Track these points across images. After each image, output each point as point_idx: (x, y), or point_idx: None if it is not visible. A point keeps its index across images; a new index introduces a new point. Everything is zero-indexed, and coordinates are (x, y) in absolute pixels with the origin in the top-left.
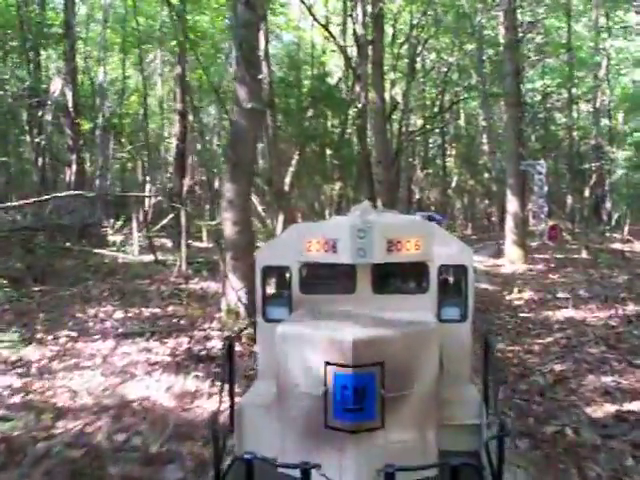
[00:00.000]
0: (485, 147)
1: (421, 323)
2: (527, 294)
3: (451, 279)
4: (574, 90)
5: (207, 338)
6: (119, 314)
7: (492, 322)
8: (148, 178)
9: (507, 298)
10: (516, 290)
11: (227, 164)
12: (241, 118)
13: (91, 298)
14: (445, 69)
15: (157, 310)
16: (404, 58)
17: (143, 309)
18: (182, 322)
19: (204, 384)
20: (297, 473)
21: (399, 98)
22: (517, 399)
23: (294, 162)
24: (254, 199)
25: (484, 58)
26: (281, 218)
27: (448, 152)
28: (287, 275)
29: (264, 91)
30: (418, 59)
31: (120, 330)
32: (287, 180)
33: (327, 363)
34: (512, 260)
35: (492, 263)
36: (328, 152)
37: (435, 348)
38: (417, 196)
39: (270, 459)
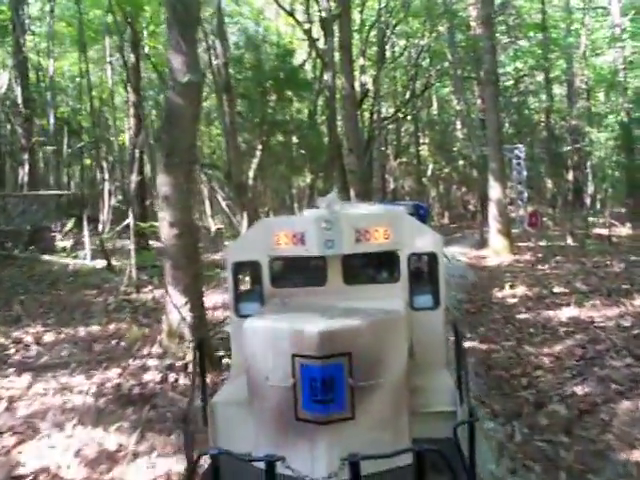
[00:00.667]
0: (459, 133)
1: (389, 312)
2: (520, 290)
3: (422, 267)
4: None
5: (143, 369)
6: (49, 336)
7: (486, 325)
8: (106, 176)
9: (498, 295)
10: (508, 286)
11: (161, 151)
12: (176, 95)
13: (21, 316)
14: (416, 54)
15: (96, 328)
16: (373, 45)
17: (81, 328)
18: (122, 344)
19: (130, 438)
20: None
21: (369, 86)
22: (538, 440)
23: (258, 153)
24: (219, 196)
25: (456, 41)
26: (245, 215)
27: (421, 140)
28: (257, 270)
29: (221, 75)
30: (388, 45)
31: (42, 360)
32: (251, 173)
33: (294, 355)
34: (497, 251)
35: (475, 255)
36: (295, 140)
37: (403, 336)
38: (391, 186)
39: (236, 453)
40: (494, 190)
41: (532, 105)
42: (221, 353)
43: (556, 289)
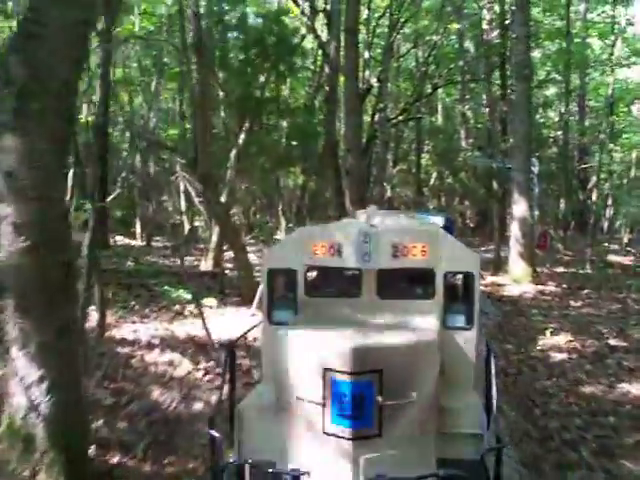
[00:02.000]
0: (463, 143)
1: (423, 331)
2: (564, 338)
3: (458, 286)
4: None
5: None
6: None
7: (538, 402)
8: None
9: (537, 345)
10: (548, 333)
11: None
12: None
13: None
14: (424, 53)
15: None
16: (380, 40)
17: None
18: None
19: None
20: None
21: (374, 82)
22: None
23: (239, 139)
24: (190, 187)
25: (467, 43)
26: (214, 216)
27: (424, 148)
28: (292, 278)
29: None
30: (395, 41)
31: None
32: (230, 164)
33: (326, 369)
34: (517, 278)
35: (491, 281)
36: (285, 126)
37: (436, 357)
38: (388, 193)
39: (262, 463)
40: (518, 206)
41: (542, 119)
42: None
43: (612, 341)
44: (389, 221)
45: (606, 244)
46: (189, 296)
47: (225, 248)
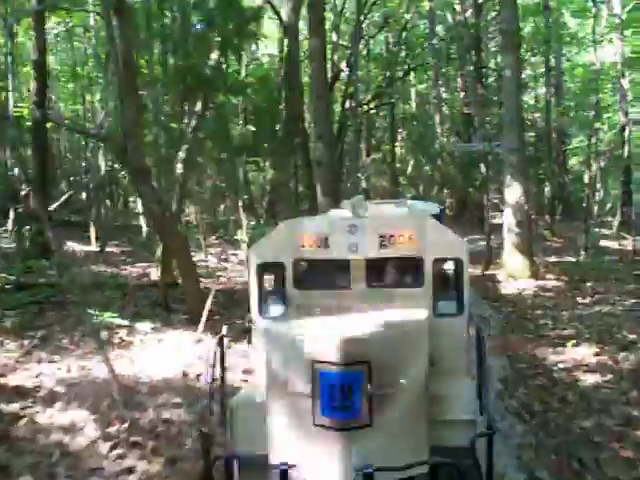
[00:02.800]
0: (439, 129)
1: (411, 320)
2: (588, 350)
3: (447, 272)
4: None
5: None
6: None
7: None
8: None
9: (558, 361)
10: (570, 344)
11: None
12: None
13: None
14: (394, 35)
15: None
16: (349, 24)
17: None
18: None
19: None
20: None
21: (343, 66)
22: None
23: (191, 126)
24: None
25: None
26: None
27: (398, 136)
28: (281, 271)
29: None
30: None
31: None
32: (180, 156)
33: (314, 361)
34: (513, 273)
35: (483, 278)
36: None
37: (425, 345)
38: (363, 184)
39: (254, 458)
40: (512, 191)
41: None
42: None
43: None
44: (376, 210)
45: (597, 229)
46: (122, 320)
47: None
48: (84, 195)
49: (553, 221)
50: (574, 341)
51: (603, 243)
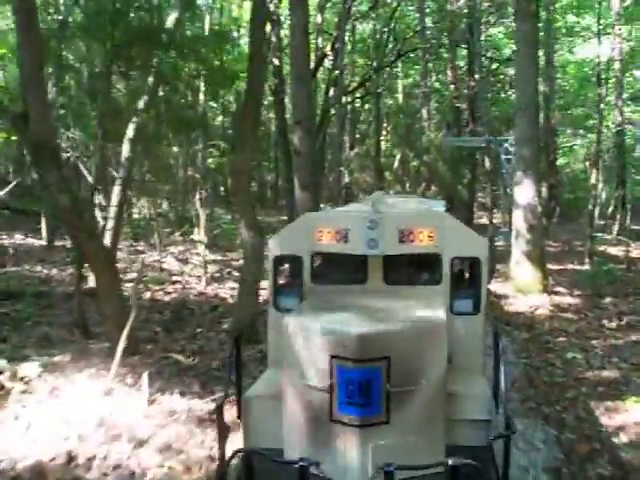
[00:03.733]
0: (425, 124)
1: (429, 318)
2: None
3: (465, 271)
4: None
5: None
6: None
7: None
8: None
9: (619, 431)
10: (631, 401)
11: None
12: None
13: None
14: (383, 20)
15: None
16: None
17: None
18: None
19: None
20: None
21: (327, 50)
22: None
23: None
24: (82, 168)
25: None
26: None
27: (384, 131)
28: (298, 265)
29: None
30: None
31: None
32: (128, 134)
33: (332, 357)
34: (523, 287)
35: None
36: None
37: (443, 343)
38: (346, 179)
39: (270, 452)
40: (523, 190)
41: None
42: None
43: None
44: (395, 206)
45: (600, 234)
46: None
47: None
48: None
49: (549, 224)
50: (634, 398)
51: (604, 248)
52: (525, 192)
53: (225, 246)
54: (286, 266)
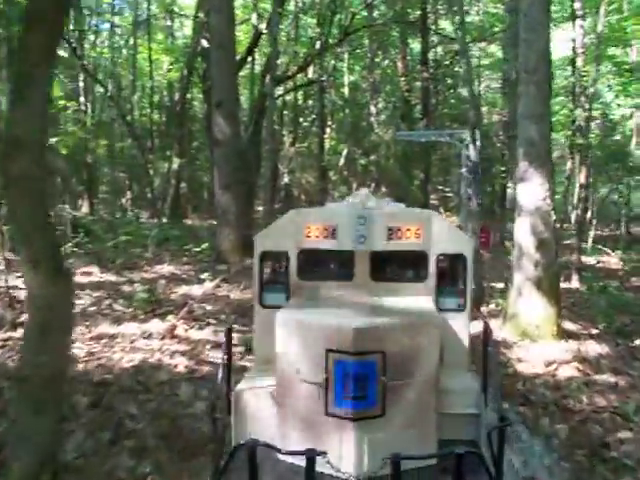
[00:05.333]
0: (373, 120)
1: (423, 312)
2: None
3: (450, 268)
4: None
5: None
6: None
7: None
8: None
9: None
10: None
11: None
12: None
13: None
14: None
15: None
16: None
17: None
18: None
19: None
20: (298, 459)
21: (263, 29)
22: None
23: None
24: None
25: None
26: None
27: (328, 129)
28: (285, 261)
29: None
30: None
31: None
32: None
33: (328, 350)
34: (530, 330)
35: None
36: None
37: (437, 337)
38: (285, 179)
39: (275, 447)
40: (530, 188)
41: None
42: None
43: None
44: (383, 204)
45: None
46: None
47: None
48: None
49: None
50: None
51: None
52: (533, 192)
53: (128, 264)
54: (273, 263)
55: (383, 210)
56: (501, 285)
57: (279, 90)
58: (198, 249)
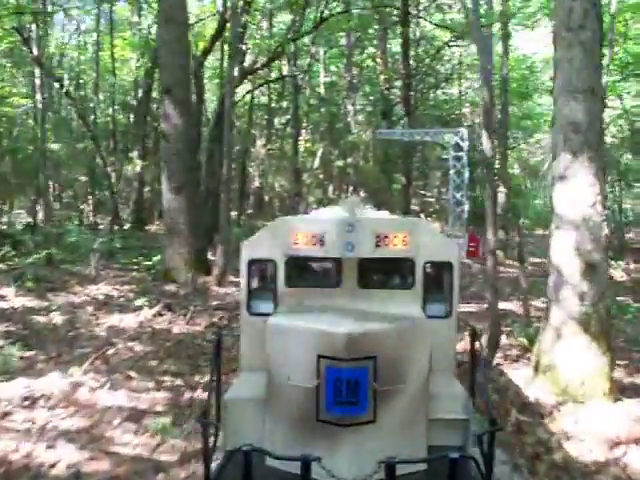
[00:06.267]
0: (351, 119)
1: (413, 318)
2: None
3: (437, 275)
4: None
5: None
6: None
7: None
8: None
9: None
10: None
11: None
12: None
13: None
14: None
15: None
16: None
17: None
18: None
19: None
20: (289, 466)
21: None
22: None
23: None
24: None
25: None
26: None
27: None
28: (272, 268)
29: None
30: None
31: None
32: None
33: (320, 356)
34: (574, 389)
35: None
36: None
37: (426, 343)
38: (256, 182)
39: (270, 452)
40: (573, 190)
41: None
42: None
43: None
44: (370, 212)
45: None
46: None
47: None
48: None
49: (509, 237)
50: None
51: None
52: (577, 196)
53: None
54: (260, 270)
55: (370, 218)
56: (512, 306)
57: (246, 84)
58: (150, 262)
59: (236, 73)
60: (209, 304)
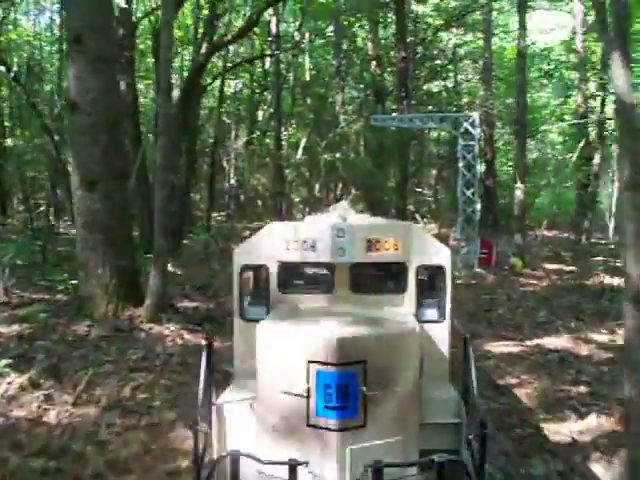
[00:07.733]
0: (339, 107)
1: (403, 323)
2: None
3: (430, 279)
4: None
5: None
6: None
7: None
8: None
9: None
10: None
11: None
12: None
13: None
14: None
15: None
16: None
17: None
18: None
19: None
20: (278, 471)
21: None
22: None
23: None
24: None
25: None
26: None
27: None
28: (265, 274)
29: None
30: None
31: None
32: None
33: (310, 361)
34: None
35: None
36: None
37: (417, 348)
38: (232, 180)
39: (258, 457)
40: None
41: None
42: None
43: None
44: (362, 217)
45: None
46: None
47: None
48: None
49: (525, 242)
50: None
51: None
52: None
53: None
54: (253, 276)
55: (362, 223)
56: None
57: (215, 59)
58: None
59: (204, 49)
60: (127, 357)
